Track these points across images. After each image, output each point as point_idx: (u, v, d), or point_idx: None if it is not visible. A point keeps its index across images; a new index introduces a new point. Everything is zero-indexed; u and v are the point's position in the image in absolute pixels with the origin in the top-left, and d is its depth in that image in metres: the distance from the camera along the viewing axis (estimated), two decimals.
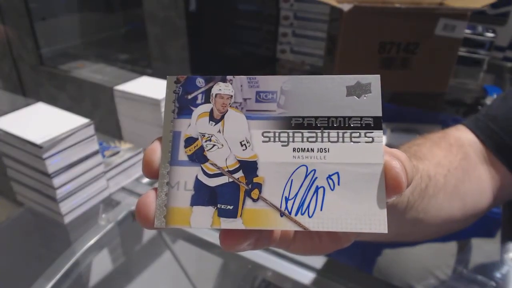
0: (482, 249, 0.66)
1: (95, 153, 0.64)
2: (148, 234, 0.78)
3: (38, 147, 0.56)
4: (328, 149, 0.20)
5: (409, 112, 0.99)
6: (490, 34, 1.18)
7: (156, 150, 0.21)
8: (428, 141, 0.46)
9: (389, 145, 0.23)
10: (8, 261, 0.69)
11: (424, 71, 1.04)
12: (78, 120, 0.62)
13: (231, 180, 0.20)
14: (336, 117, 0.20)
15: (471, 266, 0.61)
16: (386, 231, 0.19)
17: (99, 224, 0.64)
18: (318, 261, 0.55)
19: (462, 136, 0.48)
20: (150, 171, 0.21)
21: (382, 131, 0.20)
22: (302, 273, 0.54)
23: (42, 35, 1.71)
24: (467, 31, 1.14)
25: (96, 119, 0.64)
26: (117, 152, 0.72)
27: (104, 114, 1.54)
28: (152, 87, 0.78)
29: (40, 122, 0.62)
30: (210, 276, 0.90)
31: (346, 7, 0.95)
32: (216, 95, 0.21)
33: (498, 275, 0.56)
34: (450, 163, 0.43)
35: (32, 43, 1.70)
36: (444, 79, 1.05)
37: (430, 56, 1.02)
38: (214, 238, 0.61)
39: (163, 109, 0.75)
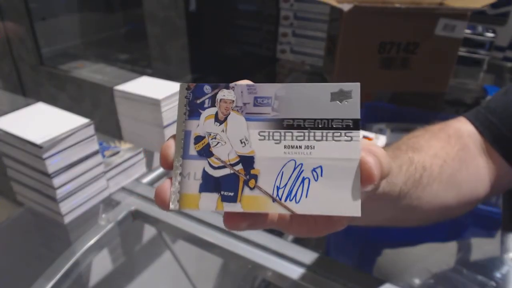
0: (482, 249, 0.66)
1: (95, 153, 0.64)
2: (148, 234, 0.79)
3: (38, 147, 0.56)
4: (314, 146, 0.23)
5: (409, 112, 0.99)
6: (490, 34, 1.18)
7: (171, 146, 0.24)
8: (427, 132, 0.48)
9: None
10: (8, 261, 0.69)
11: (424, 71, 1.04)
12: (78, 120, 0.62)
13: (232, 171, 0.24)
14: (321, 119, 0.23)
15: (471, 266, 0.61)
16: (359, 215, 0.22)
17: (99, 224, 0.64)
18: (318, 261, 0.55)
19: (462, 127, 0.49)
20: (166, 163, 0.24)
21: (360, 131, 0.23)
22: (302, 273, 0.54)
23: (42, 35, 1.71)
24: (467, 31, 1.14)
25: (96, 119, 0.64)
26: (117, 152, 0.72)
27: (104, 114, 1.54)
28: (152, 87, 0.78)
29: (40, 122, 0.62)
30: (210, 276, 0.90)
31: (346, 7, 0.95)
32: (220, 100, 0.24)
33: (498, 275, 0.56)
34: (447, 154, 0.44)
35: (32, 43, 1.70)
36: (444, 79, 1.05)
37: (430, 56, 1.02)
38: (214, 238, 0.61)
39: (163, 109, 0.76)
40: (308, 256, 0.56)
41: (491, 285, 0.54)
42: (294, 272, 0.54)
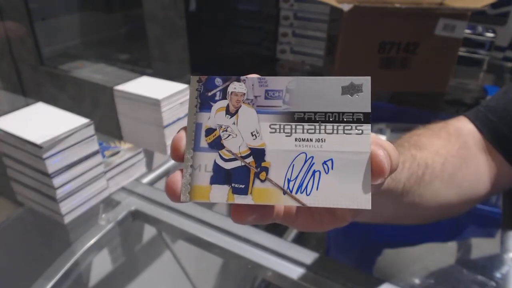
0: (482, 249, 0.66)
1: (95, 153, 0.64)
2: (148, 234, 0.79)
3: (38, 147, 0.56)
4: (325, 139, 0.23)
5: (409, 112, 0.99)
6: (490, 34, 1.18)
7: (182, 138, 0.24)
8: (428, 131, 0.48)
9: None
10: (8, 261, 0.69)
11: (424, 71, 1.04)
12: (78, 120, 0.62)
13: (243, 164, 0.24)
14: (332, 113, 0.23)
15: (471, 266, 0.61)
16: (369, 208, 0.22)
17: (99, 224, 0.64)
18: (318, 261, 0.55)
19: (462, 126, 0.49)
20: (177, 155, 0.24)
21: (370, 125, 0.23)
22: (302, 273, 0.54)
23: (42, 35, 1.71)
24: (467, 31, 1.14)
25: (96, 119, 0.64)
26: (117, 152, 0.72)
27: (104, 114, 1.54)
28: (152, 87, 0.78)
29: (40, 122, 0.62)
30: (210, 276, 0.90)
31: (346, 7, 0.95)
32: (231, 92, 0.25)
33: (498, 275, 0.56)
34: (448, 152, 0.45)
35: (32, 43, 1.70)
36: (444, 79, 1.05)
37: (430, 56, 1.02)
38: (214, 238, 0.61)
39: (163, 109, 0.76)
40: (308, 256, 0.56)
41: (491, 285, 0.54)
42: (294, 272, 0.54)
